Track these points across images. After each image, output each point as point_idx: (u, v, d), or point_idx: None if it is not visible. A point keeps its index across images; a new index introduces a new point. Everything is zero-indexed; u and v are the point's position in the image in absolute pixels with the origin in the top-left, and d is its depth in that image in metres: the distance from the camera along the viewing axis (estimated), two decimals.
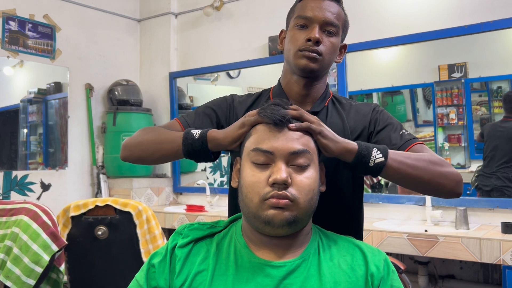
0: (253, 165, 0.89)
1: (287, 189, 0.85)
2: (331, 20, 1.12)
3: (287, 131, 0.89)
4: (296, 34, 1.13)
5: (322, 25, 1.12)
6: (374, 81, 3.15)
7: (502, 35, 2.55)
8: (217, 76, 3.87)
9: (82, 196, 3.57)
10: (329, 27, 1.13)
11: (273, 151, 0.87)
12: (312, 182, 0.88)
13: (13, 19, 3.23)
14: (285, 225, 0.86)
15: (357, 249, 0.93)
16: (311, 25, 1.12)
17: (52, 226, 1.89)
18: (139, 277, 0.95)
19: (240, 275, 0.89)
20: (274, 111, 0.89)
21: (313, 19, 1.12)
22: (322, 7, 1.12)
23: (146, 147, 1.12)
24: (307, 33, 1.12)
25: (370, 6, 2.93)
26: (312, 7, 1.12)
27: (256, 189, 0.87)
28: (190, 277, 0.90)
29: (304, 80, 1.17)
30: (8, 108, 3.34)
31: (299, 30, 1.13)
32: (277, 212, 0.85)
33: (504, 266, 2.01)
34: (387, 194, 2.88)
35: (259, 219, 0.87)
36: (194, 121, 1.18)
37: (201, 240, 0.96)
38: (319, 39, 1.10)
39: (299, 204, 0.86)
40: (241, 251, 0.92)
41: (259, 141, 0.89)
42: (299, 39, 1.12)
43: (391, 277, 0.91)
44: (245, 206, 0.89)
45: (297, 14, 1.15)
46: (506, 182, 2.62)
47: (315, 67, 1.12)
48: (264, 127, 0.90)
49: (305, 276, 0.88)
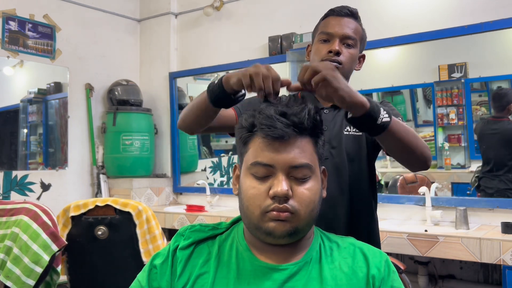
0: (253, 177, 0.88)
1: (287, 201, 0.84)
2: (349, 34, 1.31)
3: (287, 141, 0.86)
4: (320, 47, 1.32)
5: (342, 39, 1.31)
6: (374, 81, 3.15)
7: (502, 35, 2.55)
8: (217, 76, 3.86)
9: (82, 196, 3.57)
10: (347, 40, 1.31)
11: (274, 164, 0.86)
12: (313, 194, 0.87)
13: (13, 19, 3.23)
14: (286, 236, 0.86)
15: (358, 251, 0.93)
16: (332, 39, 1.31)
17: (52, 226, 1.89)
18: (141, 278, 0.95)
19: (242, 278, 0.88)
20: (273, 123, 0.85)
21: (334, 34, 1.31)
22: (342, 23, 1.32)
23: (189, 112, 1.26)
24: (329, 46, 1.30)
25: (370, 6, 2.93)
26: (333, 24, 1.32)
27: (257, 202, 0.86)
28: (191, 279, 0.90)
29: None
30: (8, 108, 3.34)
31: (322, 44, 1.32)
32: (278, 225, 0.85)
33: (504, 266, 2.01)
34: (387, 194, 2.88)
35: (260, 230, 0.86)
36: (243, 106, 1.31)
37: (203, 242, 0.96)
38: (339, 51, 1.29)
39: (300, 216, 0.85)
40: (242, 253, 0.92)
41: (258, 154, 0.87)
42: (322, 51, 1.31)
43: (392, 278, 0.91)
44: (246, 217, 0.89)
45: (321, 31, 1.34)
46: (509, 185, 2.60)
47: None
48: (263, 139, 0.87)
49: (306, 279, 0.88)
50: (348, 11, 1.34)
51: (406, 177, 2.94)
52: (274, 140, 0.85)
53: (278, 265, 0.89)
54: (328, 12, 1.36)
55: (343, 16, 1.33)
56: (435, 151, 2.92)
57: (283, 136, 0.85)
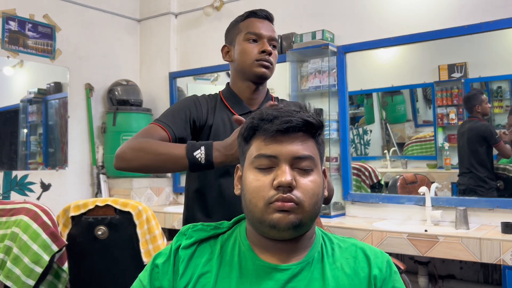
0: (256, 170, 0.88)
1: (292, 191, 0.84)
2: (274, 36, 1.42)
3: (290, 134, 0.87)
4: (249, 47, 1.39)
5: (269, 40, 1.40)
6: (374, 81, 3.15)
7: (502, 35, 2.55)
8: (217, 76, 3.86)
9: (82, 196, 3.57)
10: (273, 41, 1.42)
11: (277, 155, 0.86)
12: (316, 186, 0.87)
13: (13, 19, 3.23)
14: (291, 228, 0.85)
15: (360, 252, 0.93)
16: (261, 40, 1.39)
17: (52, 226, 1.89)
18: (143, 277, 0.94)
19: (244, 278, 0.88)
20: (275, 119, 0.87)
21: (263, 35, 1.39)
22: (266, 26, 1.42)
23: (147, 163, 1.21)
24: (259, 46, 1.39)
25: (370, 6, 2.93)
26: (259, 26, 1.40)
27: (260, 193, 0.85)
28: (193, 279, 0.90)
29: (255, 85, 1.43)
30: (8, 108, 3.34)
31: (250, 43, 1.39)
32: (282, 215, 0.84)
33: (504, 266, 2.01)
34: (387, 194, 2.88)
35: (264, 224, 0.86)
36: (175, 125, 1.33)
37: (205, 241, 0.95)
38: (271, 51, 1.39)
39: (304, 208, 0.85)
40: (245, 253, 0.91)
41: (262, 147, 0.88)
42: (253, 51, 1.39)
43: (393, 278, 0.91)
44: (249, 212, 0.88)
45: (248, 31, 1.40)
46: (478, 182, 2.69)
47: (269, 73, 1.41)
48: (267, 133, 0.88)
49: (308, 279, 0.88)
50: (268, 14, 1.44)
51: (406, 177, 2.95)
52: (279, 133, 0.86)
53: (281, 265, 0.88)
54: (249, 14, 1.43)
55: (264, 19, 1.43)
56: (435, 151, 2.92)
57: (289, 129, 0.86)
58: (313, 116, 0.89)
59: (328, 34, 2.98)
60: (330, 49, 2.93)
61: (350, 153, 3.00)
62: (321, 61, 3.00)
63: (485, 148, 2.70)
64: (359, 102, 3.23)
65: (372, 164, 3.12)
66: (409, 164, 3.04)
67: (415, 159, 3.05)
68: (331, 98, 2.96)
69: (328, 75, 2.96)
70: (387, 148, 3.19)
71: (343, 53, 2.96)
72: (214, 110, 1.43)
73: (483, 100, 2.71)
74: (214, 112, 1.42)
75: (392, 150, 3.15)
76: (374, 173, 3.09)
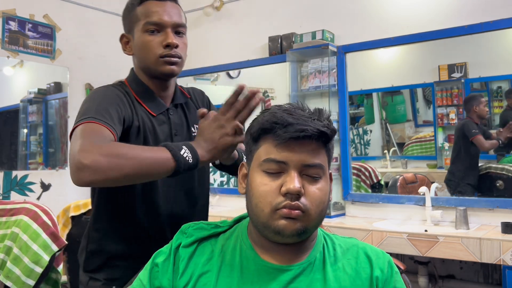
0: (264, 173, 0.86)
1: (299, 199, 0.83)
2: (180, 22, 1.18)
3: (302, 141, 0.84)
4: (150, 41, 1.16)
5: (174, 27, 1.17)
6: (374, 81, 3.15)
7: (502, 35, 2.55)
8: (217, 76, 3.86)
9: (82, 196, 3.56)
10: (179, 28, 1.18)
11: (287, 161, 0.84)
12: (323, 194, 0.87)
13: (13, 19, 3.23)
14: (295, 235, 0.84)
15: (362, 252, 0.93)
16: (163, 30, 1.16)
17: (52, 226, 1.89)
18: (143, 276, 0.93)
19: (246, 278, 0.88)
20: (289, 126, 0.84)
21: (164, 24, 1.15)
22: (167, 9, 1.16)
23: (130, 172, 0.95)
24: (161, 38, 1.16)
25: (370, 6, 2.93)
26: (159, 12, 1.15)
27: (268, 199, 0.84)
28: (194, 278, 0.89)
29: (164, 82, 1.24)
30: (8, 108, 3.34)
31: (150, 35, 1.16)
32: (288, 223, 0.83)
33: (504, 266, 2.01)
34: (387, 194, 2.88)
35: (269, 229, 0.85)
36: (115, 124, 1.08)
37: (206, 240, 0.95)
38: (178, 44, 1.16)
39: (310, 216, 0.84)
40: (246, 253, 0.91)
41: (271, 151, 0.86)
42: (154, 45, 1.15)
43: (394, 279, 0.91)
44: (255, 216, 0.87)
45: (145, 21, 1.16)
46: (449, 176, 2.80)
47: (178, 70, 1.20)
48: (278, 137, 0.85)
49: (310, 280, 0.88)
50: None
51: (406, 177, 2.95)
52: (292, 140, 0.84)
53: (283, 265, 0.88)
54: None
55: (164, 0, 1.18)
56: (435, 151, 2.92)
57: (303, 137, 0.83)
58: (327, 125, 0.86)
59: (328, 34, 2.98)
60: (330, 49, 2.94)
61: (350, 153, 3.00)
62: (321, 61, 3.00)
63: (467, 143, 2.75)
64: (359, 102, 3.23)
65: (372, 164, 3.12)
66: (409, 164, 3.04)
67: (415, 159, 3.06)
68: (331, 98, 2.96)
69: (328, 75, 2.96)
70: (387, 148, 3.19)
71: (343, 53, 2.96)
72: (134, 109, 1.20)
73: (482, 102, 2.73)
74: (136, 111, 1.19)
75: (392, 150, 3.15)
76: (374, 173, 3.09)
